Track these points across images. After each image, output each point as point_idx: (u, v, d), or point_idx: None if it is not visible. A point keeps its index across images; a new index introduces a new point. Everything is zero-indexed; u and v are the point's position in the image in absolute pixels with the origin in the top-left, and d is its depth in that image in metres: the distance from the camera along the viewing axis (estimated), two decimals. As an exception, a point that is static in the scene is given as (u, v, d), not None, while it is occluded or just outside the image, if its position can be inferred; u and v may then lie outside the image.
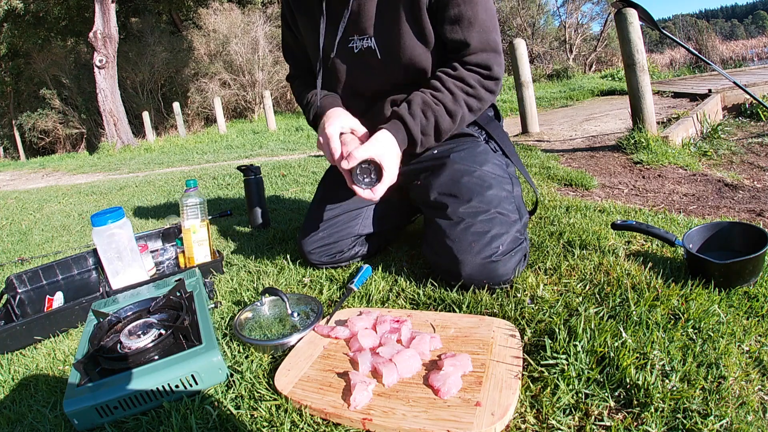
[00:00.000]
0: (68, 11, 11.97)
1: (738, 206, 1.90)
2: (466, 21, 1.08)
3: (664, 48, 16.88)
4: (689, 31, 16.75)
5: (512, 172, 1.25)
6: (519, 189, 1.21)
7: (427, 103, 1.10)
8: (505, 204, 1.11)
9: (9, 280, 1.48)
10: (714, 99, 4.49)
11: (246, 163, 2.42)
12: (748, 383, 0.72)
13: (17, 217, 3.21)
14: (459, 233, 1.06)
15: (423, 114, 1.10)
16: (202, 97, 13.00)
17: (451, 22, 1.09)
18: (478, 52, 1.10)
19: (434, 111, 1.10)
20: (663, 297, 0.93)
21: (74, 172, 6.60)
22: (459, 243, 1.05)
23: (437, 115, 1.10)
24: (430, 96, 1.11)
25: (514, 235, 1.08)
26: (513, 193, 1.17)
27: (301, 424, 0.74)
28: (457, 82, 1.11)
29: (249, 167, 1.89)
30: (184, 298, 1.06)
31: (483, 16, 1.08)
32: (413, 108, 1.10)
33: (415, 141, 1.11)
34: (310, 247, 1.30)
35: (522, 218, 1.14)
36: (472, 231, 1.06)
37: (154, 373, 0.82)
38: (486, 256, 1.03)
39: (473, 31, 1.08)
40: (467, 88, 1.11)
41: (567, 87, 8.25)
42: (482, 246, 1.04)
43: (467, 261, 1.03)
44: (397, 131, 1.09)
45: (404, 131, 1.10)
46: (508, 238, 1.06)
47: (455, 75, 1.11)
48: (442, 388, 0.74)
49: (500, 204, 1.10)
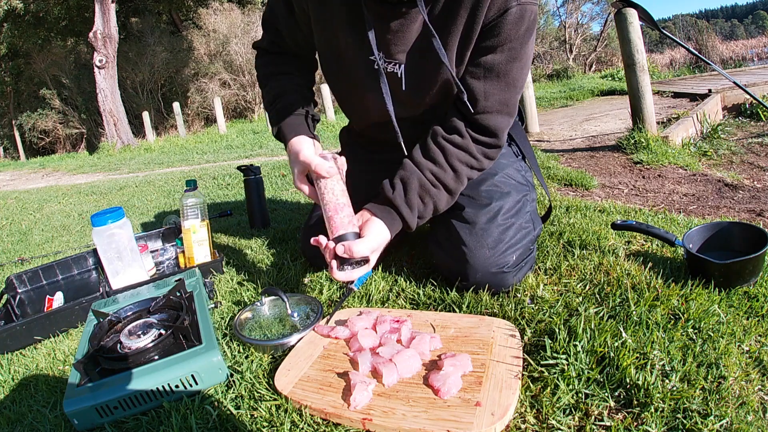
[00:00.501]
0: (68, 11, 11.96)
1: (738, 206, 1.90)
2: (495, 72, 0.96)
3: (664, 48, 16.88)
4: (689, 31, 16.76)
5: (530, 178, 1.23)
6: (535, 196, 1.19)
7: (426, 188, 1.01)
8: (521, 213, 1.10)
9: (9, 280, 1.48)
10: (714, 99, 4.49)
11: (246, 163, 2.42)
12: (748, 383, 0.72)
13: (17, 217, 3.21)
14: (475, 240, 1.04)
15: (420, 200, 1.01)
16: (202, 97, 13.00)
17: (478, 65, 0.96)
18: (493, 113, 0.99)
19: (433, 196, 1.01)
20: (663, 297, 0.93)
21: (74, 172, 6.59)
22: (473, 250, 1.03)
23: (436, 199, 1.02)
24: (431, 175, 1.01)
25: (527, 246, 1.08)
26: (530, 202, 1.15)
27: (301, 424, 0.74)
28: (461, 154, 1.01)
29: (249, 167, 1.89)
30: (184, 298, 1.06)
31: (516, 74, 0.96)
32: (410, 195, 1.00)
33: (410, 227, 1.03)
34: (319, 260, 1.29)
35: (536, 229, 1.13)
36: (488, 240, 1.04)
37: (154, 373, 0.82)
38: (498, 266, 1.03)
39: (497, 86, 0.97)
40: (472, 161, 1.02)
41: (567, 87, 8.25)
42: (496, 256, 1.03)
43: (479, 268, 1.03)
44: (392, 221, 1.01)
45: (399, 221, 1.02)
46: (521, 249, 1.06)
47: (461, 145, 1.00)
48: (442, 388, 0.74)
49: (517, 213, 1.09)
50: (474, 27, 0.93)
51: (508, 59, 0.95)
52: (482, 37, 0.94)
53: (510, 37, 0.93)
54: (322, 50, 1.13)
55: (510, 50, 0.94)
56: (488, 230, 1.05)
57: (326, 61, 1.14)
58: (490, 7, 0.90)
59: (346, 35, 1.03)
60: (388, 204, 1.02)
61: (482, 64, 0.96)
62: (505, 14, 0.90)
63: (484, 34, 0.94)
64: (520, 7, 0.90)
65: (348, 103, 1.22)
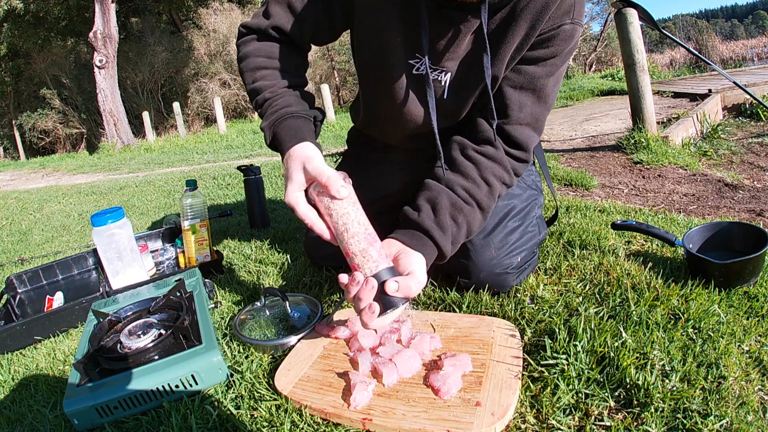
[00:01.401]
0: (68, 11, 11.97)
1: (738, 206, 1.90)
2: (533, 84, 0.92)
3: (664, 48, 16.88)
4: (689, 31, 16.77)
5: (539, 183, 1.22)
6: (542, 201, 1.20)
7: (458, 207, 0.90)
8: (529, 216, 1.10)
9: (9, 280, 1.48)
10: (714, 99, 4.48)
11: (246, 163, 2.42)
12: (748, 383, 0.72)
13: (17, 217, 3.21)
14: (481, 239, 1.04)
15: (453, 221, 0.89)
16: (202, 97, 13.01)
17: (519, 72, 0.93)
18: (525, 126, 0.94)
19: (467, 215, 0.90)
20: (663, 297, 0.93)
21: (74, 172, 6.59)
22: (479, 249, 1.03)
23: (470, 219, 0.91)
24: (463, 192, 0.91)
25: (531, 249, 1.08)
26: (537, 206, 1.15)
27: (301, 424, 0.74)
28: (495, 167, 0.93)
29: (249, 167, 1.89)
30: (184, 298, 1.06)
31: (550, 90, 0.93)
32: (440, 216, 0.88)
33: (444, 255, 0.89)
34: (323, 261, 1.30)
35: (541, 233, 1.13)
36: (494, 240, 1.04)
37: (154, 373, 0.82)
38: (503, 267, 1.03)
39: (531, 99, 0.93)
40: (504, 175, 0.94)
41: (567, 87, 8.24)
42: (501, 257, 1.03)
43: (483, 268, 1.03)
44: (425, 250, 0.86)
45: (433, 247, 0.87)
46: (525, 252, 1.06)
47: (495, 157, 0.93)
48: (442, 388, 0.74)
49: (525, 216, 1.09)
50: (528, 41, 0.91)
51: (547, 74, 0.93)
52: (530, 48, 0.92)
53: (556, 53, 0.91)
54: (361, 44, 1.02)
55: (552, 66, 0.92)
56: (496, 231, 1.05)
57: (365, 59, 1.04)
58: (548, 21, 0.89)
59: (395, 33, 0.94)
60: (416, 228, 0.88)
61: (523, 72, 0.93)
62: (558, 29, 0.89)
63: (533, 46, 0.92)
64: (572, 26, 0.90)
65: (380, 107, 1.09)
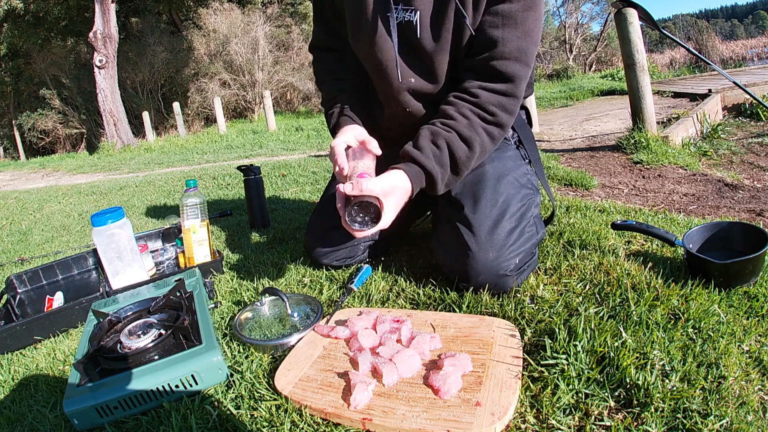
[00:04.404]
0: (68, 11, 11.96)
1: (738, 206, 1.90)
2: (512, 19, 0.97)
3: (664, 48, 16.87)
4: (689, 31, 16.78)
5: (535, 182, 1.23)
6: (539, 200, 1.20)
7: (436, 133, 0.99)
8: (526, 216, 1.10)
9: (9, 280, 1.48)
10: (714, 99, 4.48)
11: (246, 163, 2.42)
12: (748, 383, 0.72)
13: (17, 217, 3.21)
14: (479, 242, 1.04)
15: (433, 144, 0.98)
16: (202, 97, 13.00)
17: (495, 14, 0.98)
18: (510, 60, 0.99)
19: (445, 138, 0.98)
20: (663, 297, 0.93)
21: (74, 172, 6.59)
22: (477, 253, 1.03)
23: (450, 143, 0.98)
24: (439, 124, 1.01)
25: (530, 250, 1.08)
26: (534, 206, 1.15)
27: (301, 424, 0.74)
28: (473, 107, 1.00)
29: (249, 167, 1.89)
30: (184, 298, 1.06)
31: (531, 24, 0.98)
32: (420, 142, 0.99)
33: (433, 178, 0.99)
34: (324, 259, 1.30)
35: (539, 233, 1.14)
36: (492, 243, 1.04)
37: (154, 373, 0.82)
38: (502, 269, 1.03)
39: (514, 33, 0.98)
40: (485, 115, 1.01)
41: (567, 87, 8.25)
42: (500, 260, 1.03)
43: (482, 271, 1.03)
44: (411, 170, 0.98)
45: (418, 169, 0.98)
46: (523, 253, 1.06)
47: (472, 100, 1.01)
48: (442, 388, 0.74)
49: (522, 216, 1.09)
50: None
51: (524, 8, 0.97)
52: None
53: None
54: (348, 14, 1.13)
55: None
56: (493, 233, 1.05)
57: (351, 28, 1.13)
58: None
59: None
60: (402, 157, 1.01)
61: (499, 12, 0.98)
62: None
63: None
64: None
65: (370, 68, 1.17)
